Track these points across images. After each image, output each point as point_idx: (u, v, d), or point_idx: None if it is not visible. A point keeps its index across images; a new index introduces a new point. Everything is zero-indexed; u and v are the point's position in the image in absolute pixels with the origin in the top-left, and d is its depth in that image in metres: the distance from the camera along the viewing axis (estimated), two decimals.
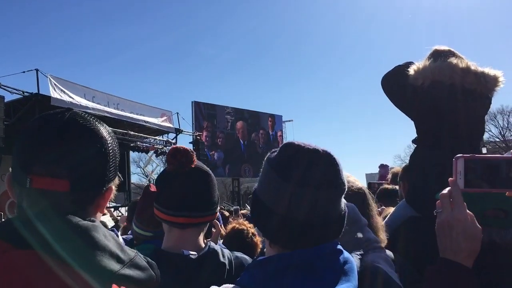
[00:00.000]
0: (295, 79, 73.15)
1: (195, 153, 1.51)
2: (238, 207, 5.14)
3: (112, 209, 11.63)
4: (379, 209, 3.03)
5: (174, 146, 1.50)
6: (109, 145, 0.96)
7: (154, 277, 0.94)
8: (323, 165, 1.05)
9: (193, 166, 1.48)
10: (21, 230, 0.82)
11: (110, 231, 0.94)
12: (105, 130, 0.98)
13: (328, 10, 75.90)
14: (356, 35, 75.03)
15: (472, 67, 2.28)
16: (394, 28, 70.50)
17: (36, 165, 0.87)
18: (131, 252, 0.93)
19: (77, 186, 0.89)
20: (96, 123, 0.97)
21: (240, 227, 2.84)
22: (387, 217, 2.71)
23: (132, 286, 0.88)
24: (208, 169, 1.55)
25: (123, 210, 14.69)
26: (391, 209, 2.98)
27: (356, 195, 1.68)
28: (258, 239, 2.85)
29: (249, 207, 7.77)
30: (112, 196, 1.02)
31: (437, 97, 2.27)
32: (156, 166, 20.74)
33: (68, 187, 0.88)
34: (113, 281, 0.83)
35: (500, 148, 35.59)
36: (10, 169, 0.96)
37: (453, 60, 2.28)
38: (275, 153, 1.12)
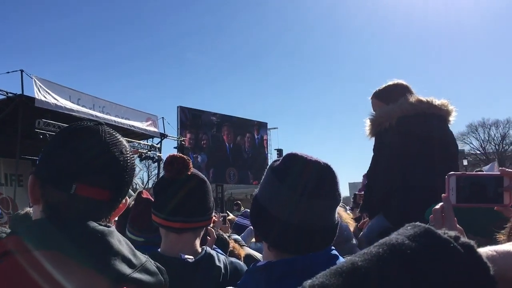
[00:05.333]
0: (282, 88, 73.63)
1: (191, 160, 1.56)
2: (226, 214, 5.18)
3: None
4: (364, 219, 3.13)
5: (171, 154, 1.54)
6: (132, 158, 1.04)
7: (163, 282, 0.98)
8: (324, 176, 1.12)
9: (189, 173, 1.53)
10: (47, 232, 0.86)
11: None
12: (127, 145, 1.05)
13: (319, 24, 76.90)
14: (345, 50, 76.04)
15: (420, 97, 2.54)
16: (384, 43, 71.65)
17: (84, 174, 0.92)
18: (143, 257, 0.97)
19: (114, 196, 0.97)
20: (121, 138, 1.04)
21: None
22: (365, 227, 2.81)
23: None
24: (203, 176, 1.60)
25: None
26: None
27: None
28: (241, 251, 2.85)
29: (232, 214, 7.82)
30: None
31: (407, 129, 2.47)
32: (139, 171, 20.53)
33: (108, 196, 0.95)
34: (124, 284, 0.88)
35: (480, 161, 36.28)
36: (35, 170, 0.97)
37: (402, 98, 2.54)
38: (278, 162, 1.18)
